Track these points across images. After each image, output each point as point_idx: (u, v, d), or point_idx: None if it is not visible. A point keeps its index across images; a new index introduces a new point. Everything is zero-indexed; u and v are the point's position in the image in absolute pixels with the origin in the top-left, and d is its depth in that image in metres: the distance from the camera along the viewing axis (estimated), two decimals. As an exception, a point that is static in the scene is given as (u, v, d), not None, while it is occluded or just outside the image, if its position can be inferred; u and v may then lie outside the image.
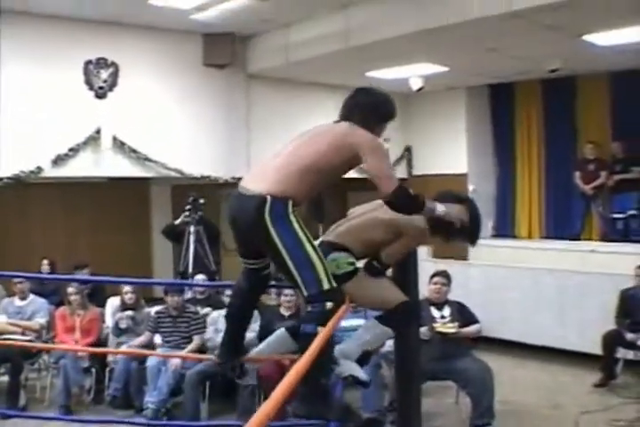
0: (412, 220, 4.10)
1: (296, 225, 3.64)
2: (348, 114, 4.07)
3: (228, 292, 8.41)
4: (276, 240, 3.60)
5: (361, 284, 4.11)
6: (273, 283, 4.76)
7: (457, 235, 4.29)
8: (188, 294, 9.62)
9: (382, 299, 4.17)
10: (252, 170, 4.10)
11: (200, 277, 9.56)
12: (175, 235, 10.95)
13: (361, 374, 4.14)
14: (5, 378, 8.55)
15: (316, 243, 3.85)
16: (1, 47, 10.00)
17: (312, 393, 3.74)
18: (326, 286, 3.61)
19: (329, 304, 3.61)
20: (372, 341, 4.26)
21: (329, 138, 3.87)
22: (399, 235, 4.16)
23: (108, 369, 8.57)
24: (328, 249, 4.08)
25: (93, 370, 8.63)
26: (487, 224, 14.57)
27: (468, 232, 4.33)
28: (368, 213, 4.32)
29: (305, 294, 3.65)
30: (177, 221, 10.89)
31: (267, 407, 1.93)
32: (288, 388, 2.22)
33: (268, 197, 3.63)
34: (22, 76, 10.25)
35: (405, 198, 3.83)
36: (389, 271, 4.44)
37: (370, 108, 4.06)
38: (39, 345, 8.38)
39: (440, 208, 4.02)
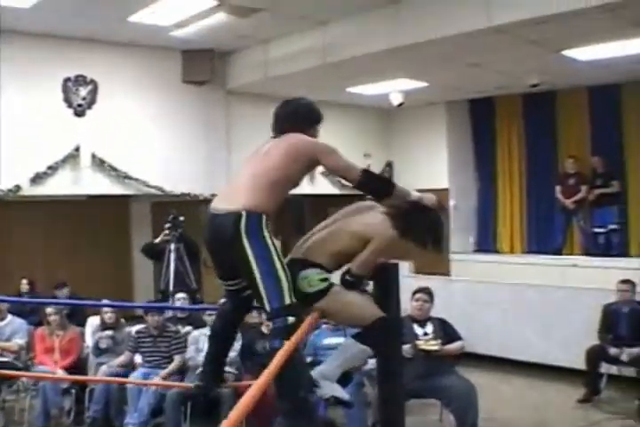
0: (376, 225, 4.08)
1: (268, 240, 3.73)
2: (283, 125, 4.21)
3: (209, 311, 8.37)
4: (248, 253, 3.67)
5: (336, 300, 4.03)
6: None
7: (425, 234, 4.19)
8: (169, 313, 9.52)
9: (358, 315, 4.09)
10: (221, 192, 4.14)
11: (181, 296, 9.45)
12: (155, 253, 10.85)
13: (343, 394, 4.07)
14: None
15: (286, 260, 3.87)
16: (-23, 64, 9.94)
17: (294, 409, 3.72)
18: (287, 300, 3.67)
19: (290, 319, 3.63)
20: (351, 360, 4.18)
21: (282, 151, 3.96)
22: (366, 242, 4.09)
23: (87, 390, 8.42)
24: (298, 267, 4.01)
25: (73, 391, 8.47)
26: (469, 239, 14.57)
27: (433, 233, 4.22)
28: (331, 224, 4.26)
29: (267, 309, 3.70)
30: (157, 240, 10.80)
31: (241, 405, 1.92)
32: (247, 403, 2.21)
33: (244, 213, 3.71)
34: (0, 95, 10.16)
35: (374, 179, 4.03)
36: (370, 287, 4.38)
37: (301, 116, 4.25)
38: (14, 373, 8.18)
39: (414, 193, 4.08)
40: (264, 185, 3.83)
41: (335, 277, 4.13)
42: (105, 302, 8.36)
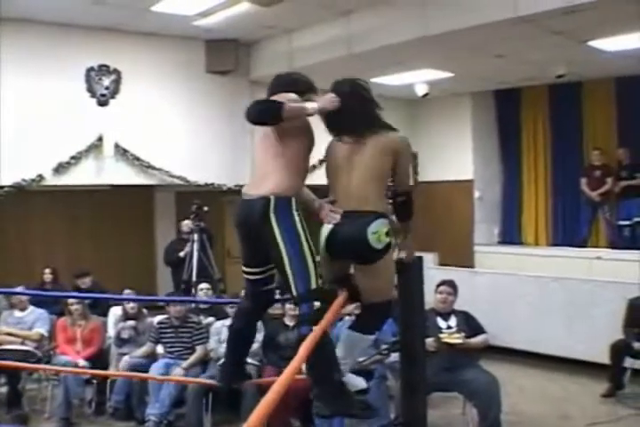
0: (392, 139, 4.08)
1: (297, 224, 3.76)
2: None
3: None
4: (278, 238, 3.72)
5: (383, 263, 3.95)
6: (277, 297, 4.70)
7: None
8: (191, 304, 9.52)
9: (383, 288, 4.02)
10: (251, 177, 4.15)
11: (204, 286, 9.43)
12: (178, 262, 10.88)
13: (358, 382, 4.03)
14: (4, 389, 8.46)
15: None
16: (1, 55, 9.94)
17: (329, 391, 3.73)
18: (313, 284, 3.69)
19: (316, 304, 3.65)
20: (352, 348, 4.12)
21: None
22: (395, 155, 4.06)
23: (109, 380, 8.41)
24: (363, 219, 3.90)
25: (95, 382, 8.48)
26: (493, 231, 14.51)
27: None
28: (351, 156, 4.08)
29: (294, 293, 3.72)
30: (182, 253, 10.81)
31: (265, 403, 1.88)
32: (284, 383, 2.17)
33: (272, 197, 3.75)
34: (23, 84, 10.20)
35: (254, 105, 3.92)
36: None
37: (291, 86, 4.23)
38: (35, 366, 8.17)
39: (310, 105, 3.98)
40: (293, 168, 3.90)
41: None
42: (127, 292, 8.39)
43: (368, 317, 4.12)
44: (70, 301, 8.80)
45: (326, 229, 3.99)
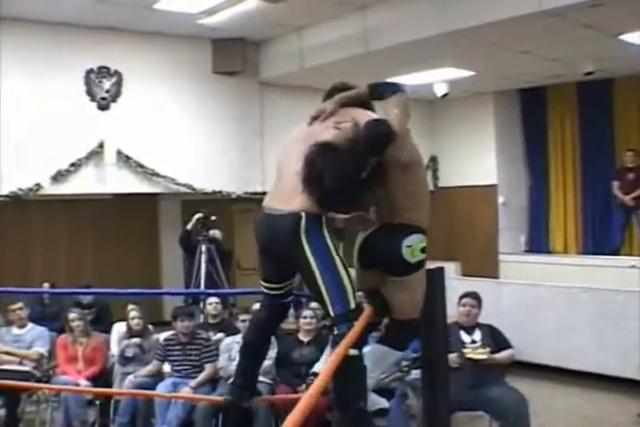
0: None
1: (329, 241, 3.69)
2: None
3: (243, 317, 8.35)
4: (310, 258, 3.65)
5: (414, 279, 3.97)
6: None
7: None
8: (200, 319, 9.52)
9: (410, 306, 4.02)
10: (276, 188, 4.03)
11: (213, 300, 9.43)
12: (189, 245, 10.76)
13: (378, 402, 4.03)
14: (2, 411, 8.38)
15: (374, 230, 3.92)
16: (-1, 56, 10.01)
17: (353, 419, 3.66)
18: (352, 305, 3.64)
19: (356, 324, 3.57)
20: (379, 364, 4.13)
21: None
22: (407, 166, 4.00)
23: (113, 401, 8.39)
24: (400, 232, 3.90)
25: (97, 402, 8.44)
26: (519, 239, 14.47)
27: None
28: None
29: (332, 314, 3.66)
30: (188, 226, 10.72)
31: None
32: (307, 406, 2.16)
33: (303, 214, 3.65)
34: (20, 87, 10.25)
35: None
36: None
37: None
38: (33, 385, 8.16)
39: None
40: None
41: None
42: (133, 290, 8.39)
43: (398, 332, 4.12)
44: (71, 316, 8.80)
45: (360, 238, 4.02)
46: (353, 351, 3.45)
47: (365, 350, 4.07)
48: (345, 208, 3.88)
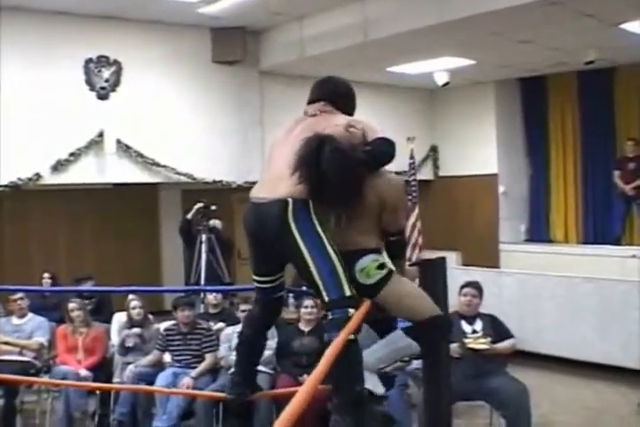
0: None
1: (319, 228, 3.69)
2: (331, 101, 4.23)
3: (243, 307, 8.34)
4: (300, 244, 3.65)
5: (394, 291, 3.96)
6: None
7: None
8: (200, 309, 9.50)
9: (414, 308, 4.01)
10: (261, 179, 4.07)
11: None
12: (189, 234, 10.70)
13: (378, 388, 4.01)
14: (0, 402, 8.36)
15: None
16: (-4, 45, 9.95)
17: (351, 404, 3.65)
18: (348, 292, 3.63)
19: (351, 311, 3.59)
20: (395, 354, 4.11)
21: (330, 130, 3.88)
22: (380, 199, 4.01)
23: (113, 391, 8.39)
24: (351, 258, 3.91)
25: (97, 392, 8.41)
26: (519, 228, 14.46)
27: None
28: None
29: (326, 299, 3.66)
30: (189, 215, 10.66)
31: (287, 416, 1.86)
32: (308, 394, 2.14)
33: (290, 200, 3.66)
34: (18, 77, 10.17)
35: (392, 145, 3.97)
36: (416, 282, 4.33)
37: (348, 98, 4.34)
38: (32, 379, 8.12)
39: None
40: None
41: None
42: (133, 288, 8.38)
43: (422, 331, 4.09)
44: (71, 306, 8.78)
45: None
46: (350, 336, 3.43)
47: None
48: (335, 205, 3.86)
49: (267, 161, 4.12)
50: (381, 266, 3.93)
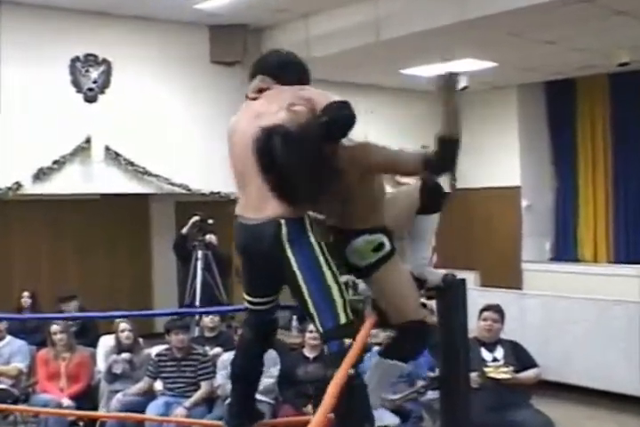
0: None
1: (316, 247, 3.68)
2: (281, 77, 4.25)
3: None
4: (294, 267, 3.64)
5: (386, 277, 3.98)
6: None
7: None
8: (195, 332, 9.49)
9: (401, 306, 4.03)
10: (243, 195, 4.04)
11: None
12: (184, 251, 10.71)
13: (391, 419, 4.03)
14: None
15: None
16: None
17: None
18: (343, 319, 3.62)
19: (347, 342, 3.57)
20: (384, 378, 4.13)
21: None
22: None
23: (98, 423, 8.37)
24: (345, 240, 3.97)
25: (81, 424, 8.39)
26: (544, 246, 14.45)
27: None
28: None
29: (321, 330, 3.67)
30: (184, 230, 10.66)
31: None
32: None
33: (282, 221, 3.64)
34: (-3, 77, 10.20)
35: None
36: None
37: (291, 67, 4.45)
38: (9, 407, 8.08)
39: None
40: None
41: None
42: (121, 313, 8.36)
43: (401, 341, 4.11)
44: (54, 328, 8.77)
45: None
46: (349, 371, 3.39)
47: (368, 365, 4.07)
48: (314, 198, 3.75)
49: (232, 166, 4.27)
50: (379, 246, 3.95)
